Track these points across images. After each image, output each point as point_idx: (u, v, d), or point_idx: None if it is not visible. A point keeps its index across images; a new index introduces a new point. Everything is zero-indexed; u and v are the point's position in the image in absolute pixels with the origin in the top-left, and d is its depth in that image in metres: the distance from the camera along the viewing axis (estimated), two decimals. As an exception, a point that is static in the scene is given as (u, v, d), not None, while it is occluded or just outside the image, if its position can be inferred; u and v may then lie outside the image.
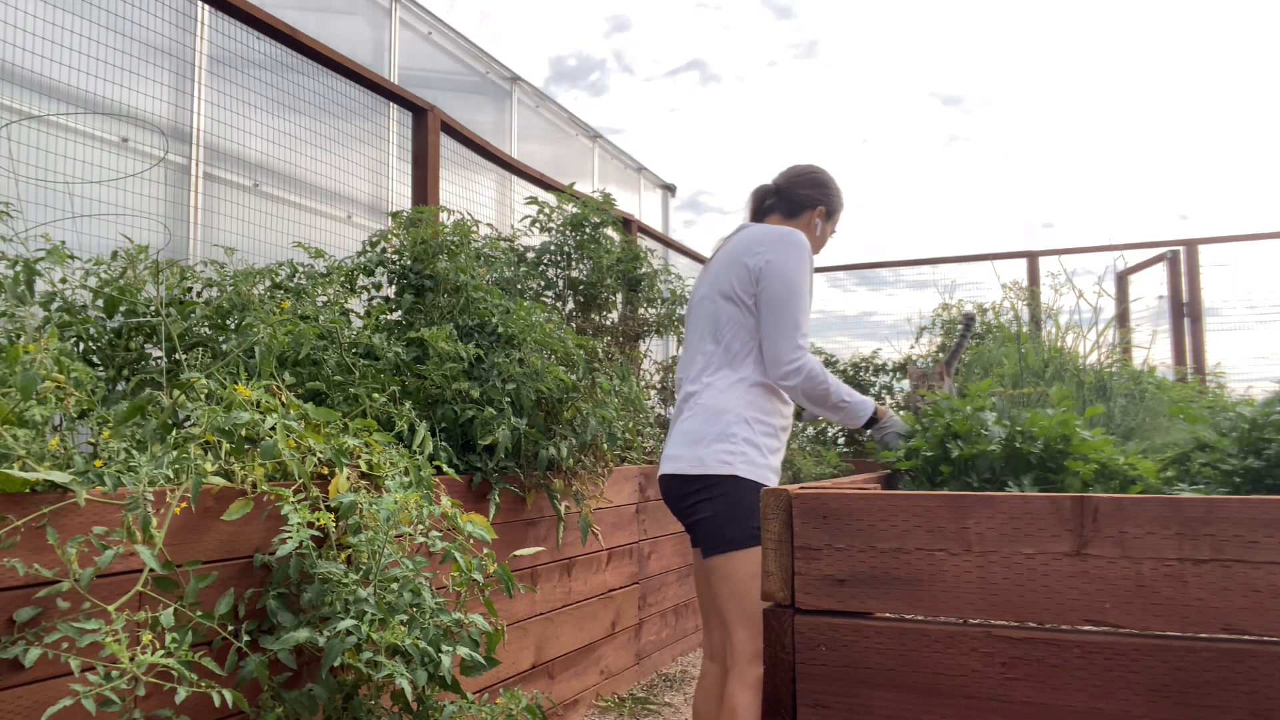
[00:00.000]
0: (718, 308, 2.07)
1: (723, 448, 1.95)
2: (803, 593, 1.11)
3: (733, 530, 1.90)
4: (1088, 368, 2.46)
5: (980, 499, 1.04)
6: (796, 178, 2.25)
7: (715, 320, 2.07)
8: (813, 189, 2.24)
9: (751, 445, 1.96)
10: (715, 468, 1.94)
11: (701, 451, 1.97)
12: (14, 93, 2.73)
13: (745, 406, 1.99)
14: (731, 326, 2.04)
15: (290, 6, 4.02)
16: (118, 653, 1.33)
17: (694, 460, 1.97)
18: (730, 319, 2.04)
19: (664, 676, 3.77)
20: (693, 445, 1.99)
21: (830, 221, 2.26)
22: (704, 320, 2.11)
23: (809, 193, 2.23)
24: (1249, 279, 6.51)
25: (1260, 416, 1.72)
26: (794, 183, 2.24)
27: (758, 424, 1.99)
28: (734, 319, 2.04)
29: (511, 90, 6.15)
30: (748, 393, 2.00)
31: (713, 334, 2.07)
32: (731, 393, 2.00)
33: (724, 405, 1.99)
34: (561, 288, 4.17)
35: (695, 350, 2.12)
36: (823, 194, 2.23)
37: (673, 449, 2.05)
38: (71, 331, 2.06)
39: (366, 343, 2.47)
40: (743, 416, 1.98)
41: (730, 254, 2.09)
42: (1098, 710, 0.97)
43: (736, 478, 1.92)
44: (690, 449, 1.99)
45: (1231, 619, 0.93)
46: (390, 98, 3.67)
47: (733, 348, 2.03)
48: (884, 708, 1.06)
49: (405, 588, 1.71)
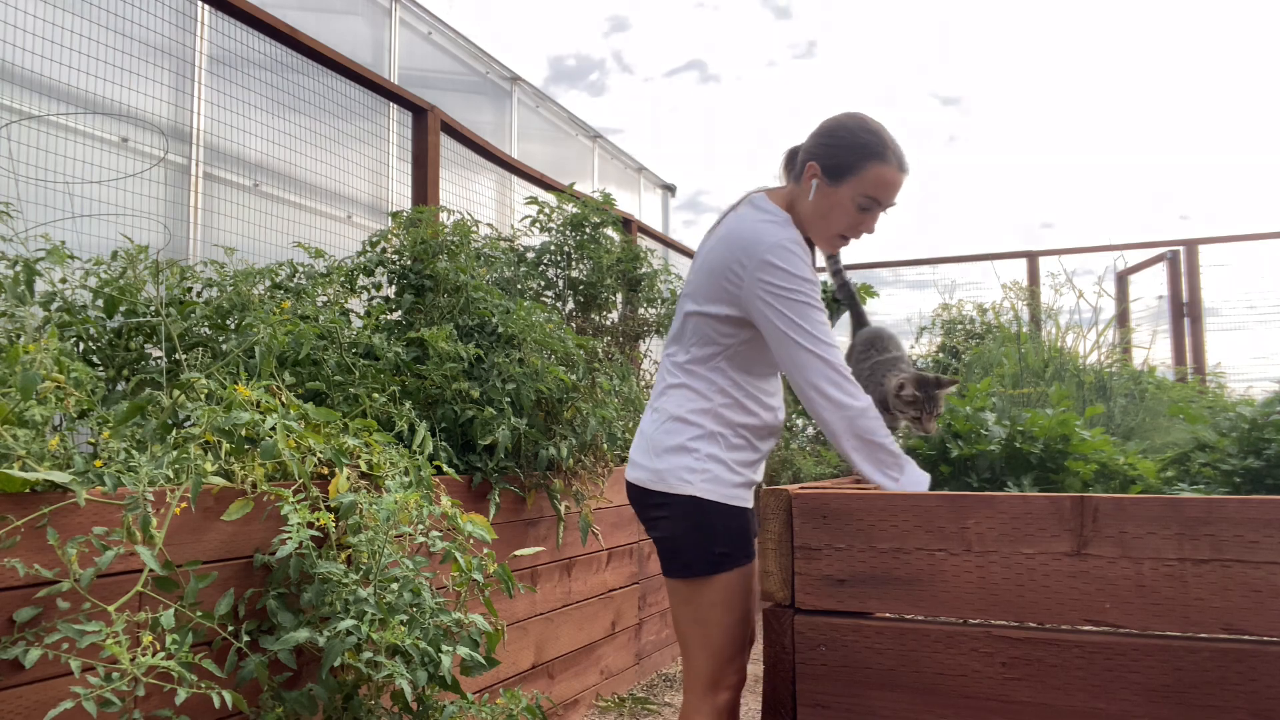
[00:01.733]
0: (685, 305, 1.81)
1: (683, 463, 1.70)
2: (803, 593, 1.11)
3: (692, 555, 1.67)
4: (1088, 368, 2.46)
5: (980, 499, 1.04)
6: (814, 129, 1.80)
7: (683, 322, 1.81)
8: (809, 139, 1.77)
9: (718, 462, 1.70)
10: (674, 485, 1.70)
11: (660, 465, 1.72)
12: (14, 93, 2.73)
13: (711, 420, 1.72)
14: (697, 334, 1.76)
15: (290, 6, 4.02)
16: (118, 654, 1.33)
17: (652, 474, 1.73)
18: (696, 326, 1.77)
19: (664, 676, 3.77)
20: (651, 455, 1.75)
21: (840, 183, 1.69)
22: (678, 316, 1.84)
23: (806, 144, 1.77)
24: (1249, 279, 6.51)
25: (1260, 416, 1.73)
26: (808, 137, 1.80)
27: (726, 437, 1.73)
28: (700, 326, 1.76)
29: (511, 90, 6.15)
30: (717, 400, 1.73)
31: (678, 334, 1.82)
32: (697, 401, 1.74)
33: (686, 414, 1.73)
34: (561, 288, 4.17)
35: (672, 334, 1.86)
36: (815, 144, 1.74)
37: (634, 452, 1.82)
38: (71, 331, 2.06)
39: (366, 343, 2.47)
40: (707, 430, 1.72)
41: (710, 258, 1.77)
42: (1098, 710, 0.97)
43: (698, 499, 1.66)
44: (649, 459, 1.75)
45: (1231, 619, 0.93)
46: (390, 98, 3.67)
47: (700, 352, 1.76)
48: (884, 707, 1.06)
49: (405, 588, 1.71)
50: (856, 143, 1.69)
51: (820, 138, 1.73)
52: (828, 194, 1.71)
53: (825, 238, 1.78)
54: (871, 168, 1.68)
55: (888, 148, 1.69)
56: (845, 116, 1.74)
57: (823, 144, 1.71)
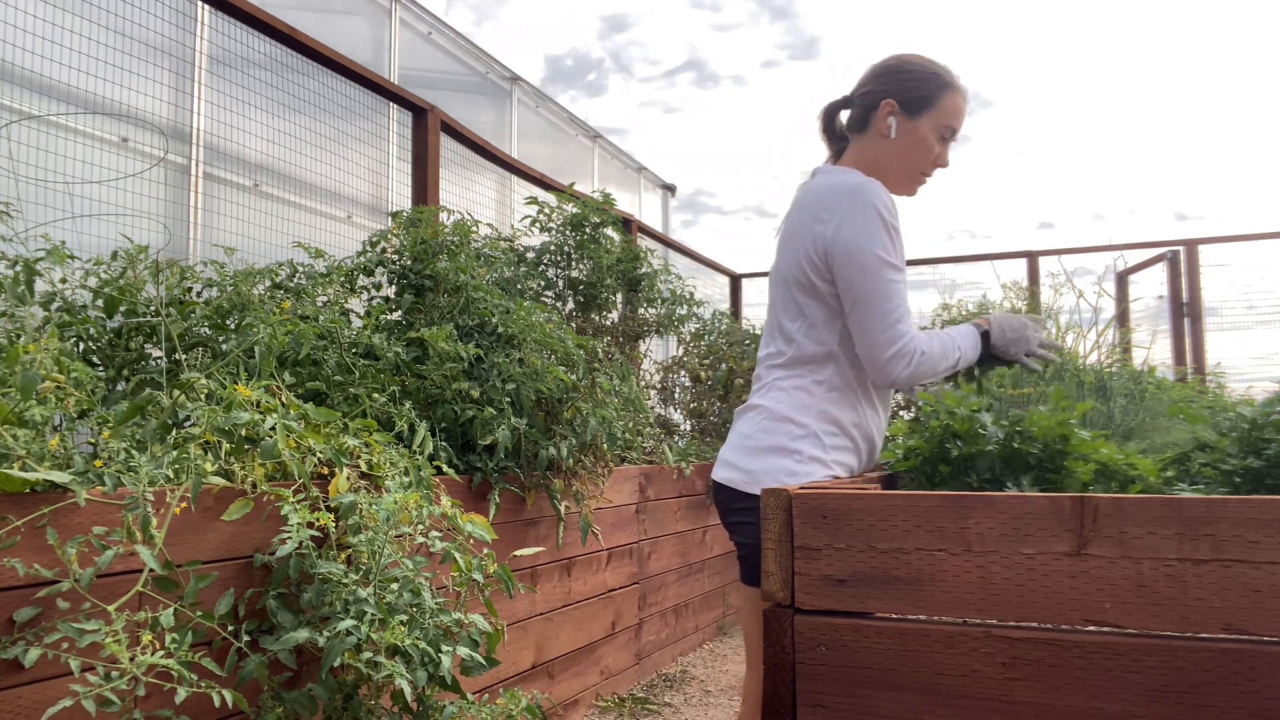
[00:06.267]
0: (782, 295, 1.70)
1: (782, 465, 1.61)
2: (803, 593, 1.11)
3: None
4: (1088, 368, 2.46)
5: (980, 499, 1.04)
6: (863, 76, 1.74)
7: (782, 310, 1.71)
8: (873, 81, 1.71)
9: (820, 464, 1.61)
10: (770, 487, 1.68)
11: (756, 465, 1.64)
12: (14, 93, 2.73)
13: (815, 417, 1.63)
14: (799, 320, 1.66)
15: (290, 6, 4.02)
16: (118, 653, 1.33)
17: (745, 475, 1.65)
18: (797, 311, 1.66)
19: (664, 676, 3.77)
20: (747, 455, 1.66)
21: (920, 116, 1.67)
22: (773, 306, 1.74)
23: (869, 88, 1.70)
24: (1248, 279, 6.51)
25: (1260, 416, 1.73)
26: (859, 83, 1.74)
27: (831, 436, 1.64)
28: (801, 310, 1.65)
29: (511, 90, 6.15)
30: (822, 398, 1.64)
31: (779, 325, 1.71)
32: (799, 398, 1.64)
33: (788, 412, 1.64)
34: (561, 288, 4.17)
35: (768, 334, 1.76)
36: (887, 81, 1.69)
37: (726, 451, 1.73)
38: (71, 331, 2.06)
39: (366, 343, 2.47)
40: (811, 430, 1.62)
41: (796, 223, 1.67)
42: (1098, 710, 0.97)
43: None
44: (744, 458, 1.67)
45: (1231, 619, 0.93)
46: (390, 98, 3.67)
47: (804, 346, 1.65)
48: (884, 708, 1.06)
49: (405, 588, 1.71)
50: (929, 72, 1.67)
51: (890, 75, 1.69)
52: (909, 129, 1.67)
53: (909, 177, 1.74)
54: (948, 96, 1.67)
55: (954, 75, 1.70)
56: (902, 55, 1.72)
57: (897, 79, 1.68)
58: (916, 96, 1.66)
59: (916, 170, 1.73)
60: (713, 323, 5.37)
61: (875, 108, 1.68)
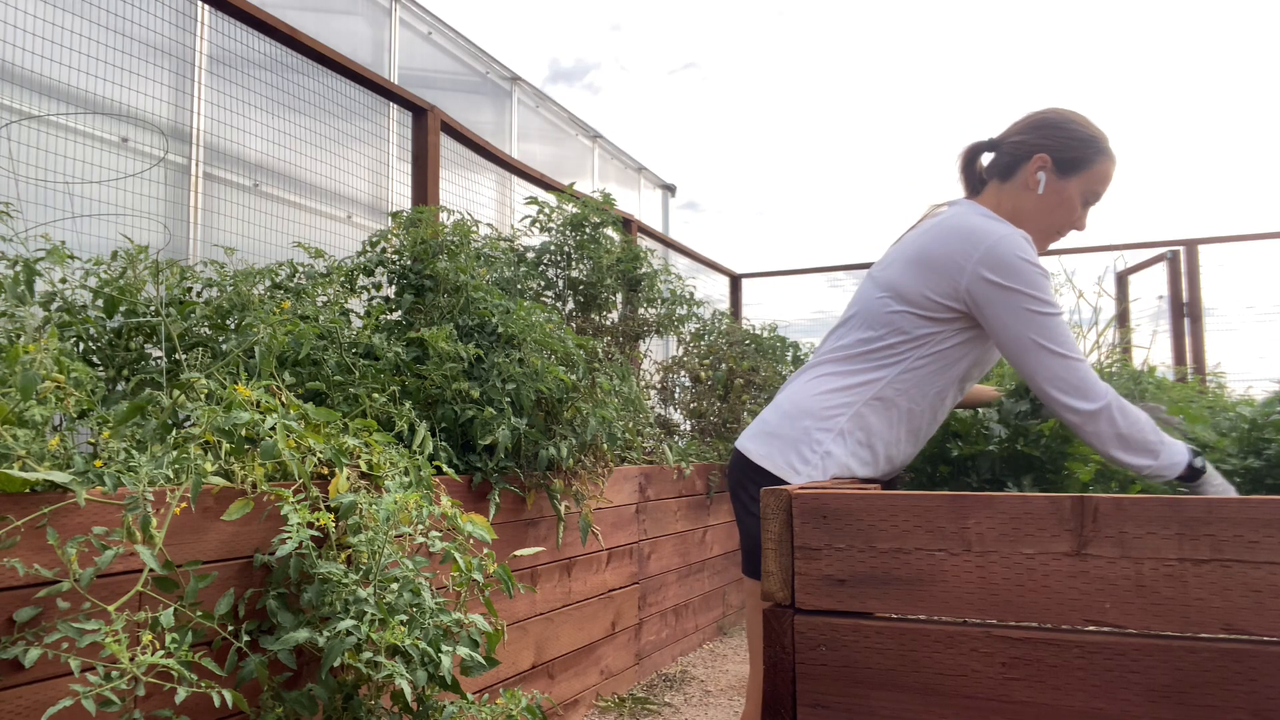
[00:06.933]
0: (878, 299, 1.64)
1: (798, 454, 1.58)
2: (803, 593, 1.11)
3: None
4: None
5: (980, 499, 1.04)
6: (1016, 123, 1.68)
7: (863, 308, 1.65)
8: (1029, 131, 1.65)
9: (840, 465, 1.57)
10: (781, 470, 1.58)
11: (774, 449, 1.62)
12: (14, 93, 2.73)
13: (849, 417, 1.58)
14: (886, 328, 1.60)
15: (290, 6, 4.02)
16: (118, 653, 1.33)
17: (765, 453, 1.63)
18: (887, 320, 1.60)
19: (664, 676, 3.77)
20: (768, 436, 1.65)
21: (1071, 177, 1.61)
22: (863, 301, 1.68)
23: (1023, 137, 1.65)
24: (1248, 279, 6.51)
25: (1260, 416, 1.73)
26: (1011, 129, 1.68)
27: (862, 445, 1.59)
28: (893, 321, 1.59)
29: (511, 90, 6.15)
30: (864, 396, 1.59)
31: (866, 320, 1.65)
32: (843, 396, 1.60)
33: (816, 409, 1.60)
34: (561, 288, 4.17)
35: (848, 326, 1.70)
36: (1044, 135, 1.63)
37: (756, 424, 1.71)
38: (71, 331, 2.06)
39: (366, 343, 2.47)
40: (839, 428, 1.58)
41: (924, 244, 1.61)
42: (1098, 710, 0.97)
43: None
44: (765, 438, 1.65)
45: (1231, 619, 0.93)
46: (390, 98, 3.66)
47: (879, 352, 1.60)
48: (884, 708, 1.06)
49: (405, 588, 1.71)
50: (1088, 135, 1.63)
51: (1049, 129, 1.64)
52: (1058, 187, 1.63)
53: (1045, 233, 1.68)
54: (1101, 162, 1.63)
55: (1109, 141, 1.65)
56: (1063, 110, 1.67)
57: (1055, 136, 1.63)
58: (1071, 157, 1.62)
59: (1054, 229, 1.68)
60: (713, 323, 5.37)
61: (1027, 159, 1.64)
